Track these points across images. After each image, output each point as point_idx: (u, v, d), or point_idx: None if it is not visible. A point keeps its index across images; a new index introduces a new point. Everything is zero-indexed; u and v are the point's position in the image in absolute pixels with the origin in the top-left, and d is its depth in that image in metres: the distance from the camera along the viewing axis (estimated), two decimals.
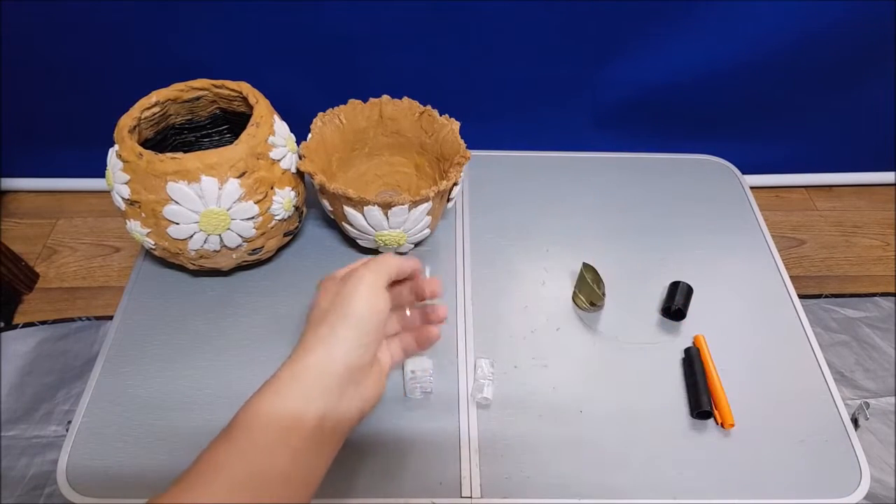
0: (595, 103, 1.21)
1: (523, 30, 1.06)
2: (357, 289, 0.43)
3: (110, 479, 0.53)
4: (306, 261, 0.71)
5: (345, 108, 0.70)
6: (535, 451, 0.56)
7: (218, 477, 0.35)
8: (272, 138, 0.60)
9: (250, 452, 0.36)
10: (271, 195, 0.60)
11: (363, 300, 0.42)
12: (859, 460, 0.56)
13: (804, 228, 1.37)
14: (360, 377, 0.42)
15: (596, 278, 0.66)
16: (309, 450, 0.38)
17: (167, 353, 0.62)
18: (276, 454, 0.36)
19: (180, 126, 0.68)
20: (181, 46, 1.05)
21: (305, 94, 1.08)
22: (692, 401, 0.59)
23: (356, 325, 0.41)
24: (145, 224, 0.59)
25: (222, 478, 0.35)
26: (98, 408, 0.58)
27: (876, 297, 1.23)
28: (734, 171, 0.85)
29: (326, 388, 0.40)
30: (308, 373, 0.40)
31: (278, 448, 0.37)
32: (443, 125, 0.70)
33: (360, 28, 1.04)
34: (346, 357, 0.41)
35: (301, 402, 0.38)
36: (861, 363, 1.13)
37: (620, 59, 1.11)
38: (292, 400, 0.38)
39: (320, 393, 0.39)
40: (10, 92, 1.14)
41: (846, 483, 0.55)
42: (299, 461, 0.37)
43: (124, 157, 0.57)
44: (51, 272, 1.25)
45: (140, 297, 0.67)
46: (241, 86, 0.64)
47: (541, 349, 0.64)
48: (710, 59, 1.11)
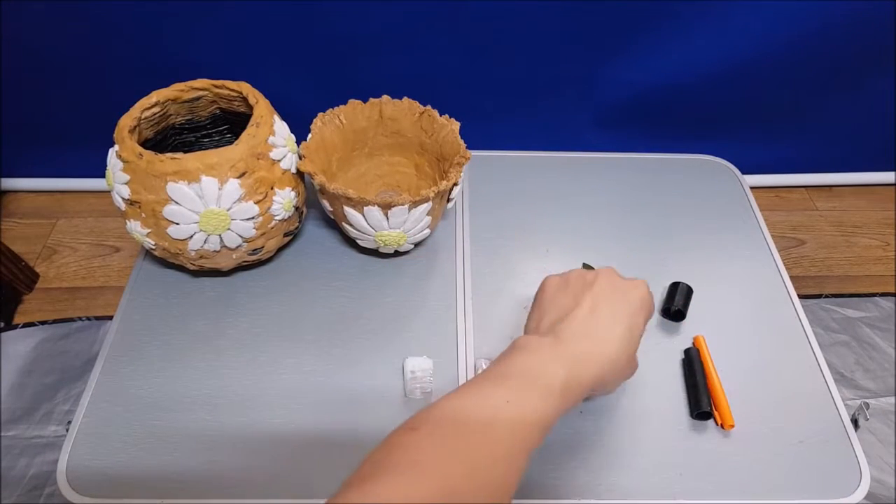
0: (595, 103, 1.21)
1: (523, 30, 1.06)
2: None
3: (110, 480, 0.53)
4: (306, 261, 0.71)
5: (345, 109, 0.70)
6: (536, 451, 0.56)
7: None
8: (272, 138, 0.60)
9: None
10: (271, 195, 0.60)
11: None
12: (859, 460, 0.56)
13: (804, 228, 1.37)
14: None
15: None
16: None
17: (167, 353, 0.62)
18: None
19: (180, 126, 0.68)
20: (181, 46, 1.05)
21: (305, 94, 1.08)
22: (692, 401, 0.59)
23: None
24: (145, 224, 0.59)
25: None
26: (98, 408, 0.58)
27: (876, 297, 1.23)
28: (734, 171, 0.85)
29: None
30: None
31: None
32: (443, 125, 0.70)
33: (360, 28, 1.04)
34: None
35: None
36: (861, 363, 1.12)
37: (620, 59, 1.11)
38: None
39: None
40: (9, 92, 1.14)
41: (846, 483, 0.55)
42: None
43: (124, 157, 0.57)
44: (51, 272, 1.25)
45: (140, 298, 0.67)
46: (241, 86, 0.64)
47: None
48: (711, 58, 1.11)
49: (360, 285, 0.69)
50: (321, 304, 0.66)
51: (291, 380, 0.60)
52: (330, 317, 0.65)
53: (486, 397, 0.41)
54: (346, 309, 0.66)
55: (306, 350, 0.62)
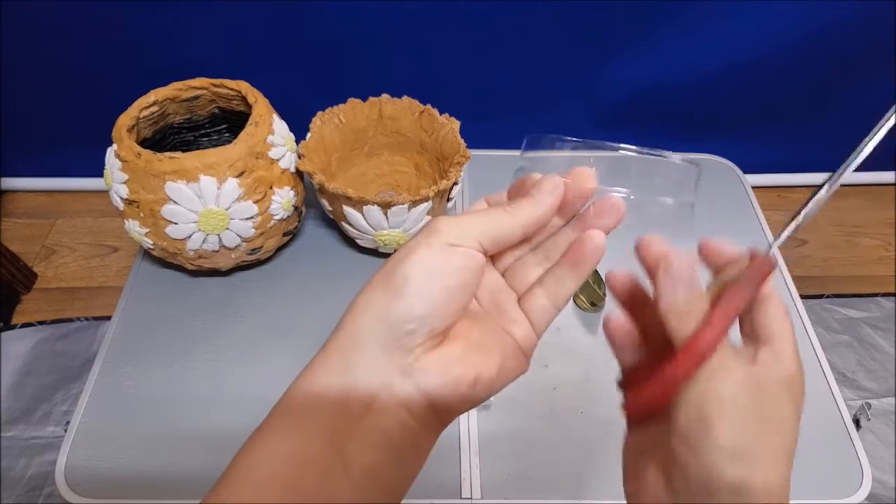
0: (596, 102, 1.20)
1: (523, 29, 1.05)
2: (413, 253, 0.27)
3: (109, 480, 0.53)
4: (306, 261, 0.70)
5: (344, 108, 0.70)
6: (536, 451, 0.56)
7: (247, 474, 0.27)
8: (271, 137, 0.60)
9: (280, 442, 0.27)
10: (270, 195, 0.60)
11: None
12: (861, 461, 0.56)
13: (806, 228, 1.36)
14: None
15: (597, 279, 0.66)
16: (362, 440, 0.26)
17: (166, 353, 0.62)
18: (309, 443, 0.26)
19: (179, 125, 0.68)
20: (180, 45, 1.05)
21: (304, 93, 1.07)
22: None
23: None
24: (144, 224, 0.59)
25: (250, 475, 0.27)
26: (96, 408, 0.58)
27: (878, 297, 1.23)
28: (736, 170, 0.84)
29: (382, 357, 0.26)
30: (359, 340, 0.27)
31: (312, 436, 0.27)
32: (443, 124, 0.69)
33: (359, 27, 1.04)
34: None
35: (348, 378, 0.27)
36: (863, 363, 1.12)
37: (621, 59, 1.11)
38: (337, 375, 0.27)
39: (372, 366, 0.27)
40: (8, 91, 1.14)
41: (848, 483, 0.55)
42: (349, 452, 0.26)
43: (123, 156, 0.56)
44: (49, 272, 1.25)
45: (139, 298, 0.67)
46: (239, 85, 0.63)
47: (541, 350, 0.63)
48: (712, 58, 1.11)
49: (359, 285, 0.68)
50: (320, 304, 0.66)
51: (290, 380, 0.60)
52: (329, 317, 0.65)
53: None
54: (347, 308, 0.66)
55: (306, 350, 0.62)
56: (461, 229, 0.27)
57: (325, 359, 0.28)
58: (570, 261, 0.31)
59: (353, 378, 0.26)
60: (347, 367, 0.27)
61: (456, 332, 0.28)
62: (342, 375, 0.27)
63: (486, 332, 0.30)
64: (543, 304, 0.32)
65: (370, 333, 0.26)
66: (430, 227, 0.27)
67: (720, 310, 0.27)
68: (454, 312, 0.27)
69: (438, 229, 0.27)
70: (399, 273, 0.26)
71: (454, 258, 0.27)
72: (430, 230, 0.27)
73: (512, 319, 0.32)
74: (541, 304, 0.32)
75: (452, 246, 0.27)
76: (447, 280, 0.26)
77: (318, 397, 0.27)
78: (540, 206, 0.29)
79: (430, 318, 0.26)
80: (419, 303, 0.26)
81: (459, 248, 0.27)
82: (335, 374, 0.27)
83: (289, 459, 0.26)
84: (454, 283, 0.27)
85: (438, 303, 0.26)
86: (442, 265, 0.26)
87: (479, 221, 0.28)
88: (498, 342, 0.30)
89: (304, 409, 0.27)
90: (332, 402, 0.26)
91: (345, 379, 0.27)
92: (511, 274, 0.32)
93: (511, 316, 0.32)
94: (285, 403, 0.28)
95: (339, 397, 0.26)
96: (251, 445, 0.28)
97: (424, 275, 0.26)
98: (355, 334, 0.27)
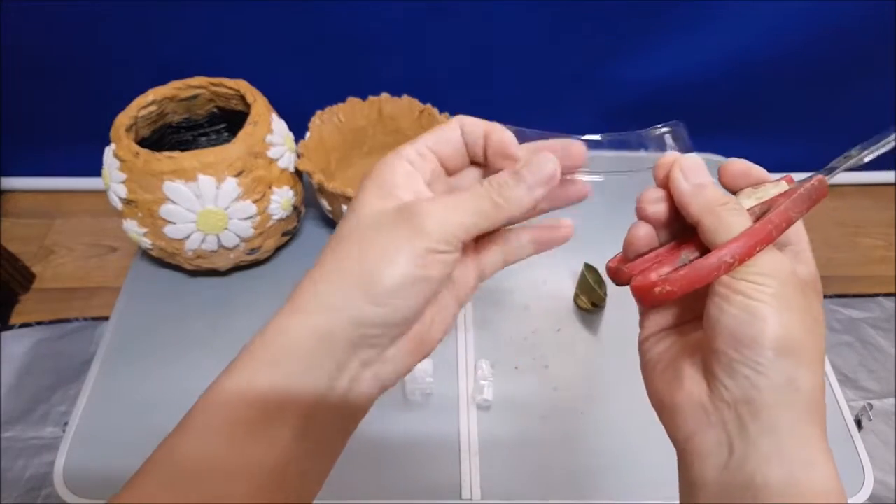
0: (596, 102, 1.20)
1: (524, 28, 1.05)
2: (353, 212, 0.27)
3: (107, 481, 0.53)
4: (305, 261, 0.70)
5: (343, 107, 0.70)
6: (536, 452, 0.56)
7: (155, 470, 0.28)
8: (270, 137, 0.60)
9: (190, 442, 0.28)
10: (269, 194, 0.60)
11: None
12: (862, 462, 0.56)
13: (807, 228, 1.36)
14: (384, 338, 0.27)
15: (598, 279, 0.66)
16: (269, 437, 0.27)
17: (164, 353, 0.61)
18: (214, 443, 0.27)
19: (177, 125, 0.67)
20: (178, 44, 1.05)
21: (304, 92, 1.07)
22: None
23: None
24: (142, 224, 0.59)
25: (158, 472, 0.28)
26: (95, 409, 0.57)
27: (879, 297, 1.23)
28: None
29: (309, 357, 0.26)
30: (284, 338, 0.27)
31: (219, 436, 0.27)
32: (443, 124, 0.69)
33: (359, 26, 1.04)
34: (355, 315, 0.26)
35: (265, 377, 0.27)
36: (864, 364, 1.12)
37: (621, 59, 1.11)
38: (253, 374, 0.28)
39: (291, 362, 0.27)
40: (6, 91, 1.14)
41: (849, 484, 0.54)
42: (249, 450, 0.26)
43: (121, 155, 0.56)
44: (47, 272, 1.25)
45: (137, 298, 0.66)
46: (238, 84, 0.63)
47: (542, 350, 0.63)
48: (712, 57, 1.11)
49: None
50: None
51: None
52: None
53: None
54: None
55: None
56: (446, 230, 0.26)
57: (296, 356, 0.27)
58: (536, 238, 0.33)
59: (327, 380, 0.27)
60: (321, 367, 0.26)
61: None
62: (315, 377, 0.27)
63: (437, 310, 0.29)
64: (496, 260, 0.32)
65: (343, 333, 0.26)
66: (415, 223, 0.26)
67: (776, 215, 0.27)
68: (422, 310, 0.27)
69: (424, 229, 0.26)
70: (380, 280, 0.25)
71: (436, 267, 0.26)
72: (414, 227, 0.26)
73: (464, 286, 0.31)
74: (494, 259, 0.32)
75: (437, 253, 0.26)
76: (427, 290, 0.26)
77: (287, 391, 0.27)
78: (532, 196, 0.28)
79: (403, 322, 0.27)
80: (398, 314, 0.26)
81: (442, 256, 0.26)
82: (307, 374, 0.27)
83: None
84: (432, 291, 0.27)
85: (415, 310, 0.26)
86: (424, 274, 0.26)
87: (465, 217, 0.27)
88: (445, 316, 0.30)
89: (271, 404, 0.27)
90: (302, 397, 0.27)
91: (319, 381, 0.27)
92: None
93: (463, 283, 0.31)
94: (236, 393, 0.28)
95: (313, 398, 0.27)
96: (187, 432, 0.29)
97: (406, 287, 0.25)
98: (330, 333, 0.26)
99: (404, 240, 0.26)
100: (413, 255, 0.25)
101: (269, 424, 0.27)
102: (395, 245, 0.26)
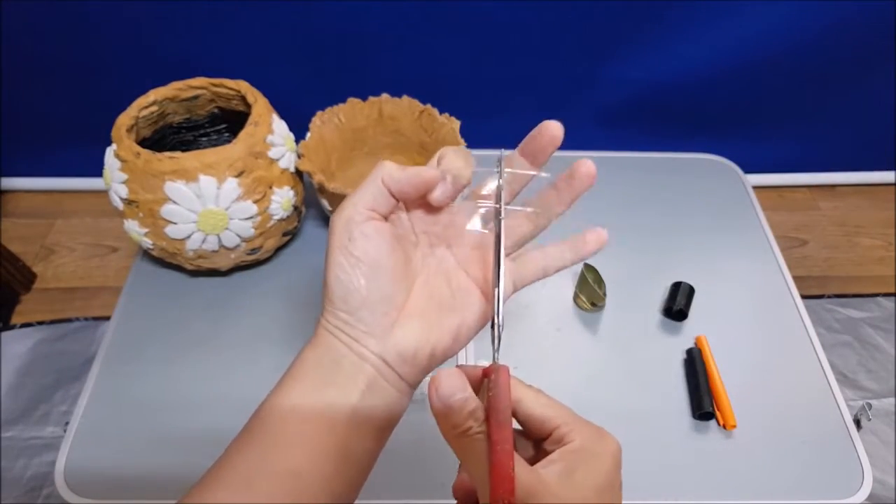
0: (596, 102, 1.20)
1: (523, 28, 1.05)
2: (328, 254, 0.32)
3: (108, 480, 0.53)
4: (305, 261, 0.70)
5: (344, 107, 0.70)
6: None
7: (231, 476, 0.31)
8: (271, 137, 0.60)
9: (266, 449, 0.31)
10: (270, 195, 0.60)
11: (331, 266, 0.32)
12: (861, 461, 0.56)
13: (806, 228, 1.37)
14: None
15: (597, 279, 0.66)
16: (335, 444, 0.31)
17: (165, 353, 0.62)
18: (291, 450, 0.31)
19: (178, 125, 0.68)
20: (179, 45, 1.05)
21: (304, 92, 1.07)
22: (694, 402, 0.59)
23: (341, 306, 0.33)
24: (143, 224, 0.59)
25: (233, 478, 0.31)
26: (96, 408, 0.57)
27: (878, 297, 1.23)
28: (736, 170, 0.84)
29: (347, 375, 0.31)
30: (326, 357, 0.32)
31: (294, 444, 0.31)
32: (442, 124, 0.69)
33: (359, 27, 1.04)
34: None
35: (319, 392, 0.32)
36: (863, 364, 1.12)
37: (621, 58, 1.11)
38: (312, 388, 0.32)
39: (338, 380, 0.32)
40: (7, 91, 1.14)
41: (848, 484, 0.55)
42: (319, 458, 0.31)
43: (122, 156, 0.56)
44: (48, 272, 1.25)
45: (138, 298, 0.66)
46: (239, 84, 0.63)
47: (541, 349, 0.63)
48: (712, 57, 1.11)
49: None
50: (320, 305, 0.66)
51: None
52: None
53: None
54: None
55: None
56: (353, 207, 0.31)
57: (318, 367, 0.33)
58: (572, 247, 0.36)
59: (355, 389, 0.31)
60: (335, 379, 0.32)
61: (410, 312, 0.32)
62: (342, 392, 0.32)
63: (446, 306, 0.33)
64: (535, 267, 0.36)
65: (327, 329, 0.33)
66: (333, 224, 0.32)
67: (493, 429, 0.27)
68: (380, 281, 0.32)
69: (333, 225, 0.32)
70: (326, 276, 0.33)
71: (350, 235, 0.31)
72: (332, 227, 0.32)
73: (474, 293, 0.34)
74: (533, 266, 0.35)
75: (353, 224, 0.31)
76: (360, 256, 0.31)
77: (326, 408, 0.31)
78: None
79: (360, 296, 0.32)
80: (347, 289, 0.32)
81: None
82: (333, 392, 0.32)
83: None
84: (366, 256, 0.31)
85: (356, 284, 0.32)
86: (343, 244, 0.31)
87: (365, 196, 0.31)
88: (457, 314, 0.33)
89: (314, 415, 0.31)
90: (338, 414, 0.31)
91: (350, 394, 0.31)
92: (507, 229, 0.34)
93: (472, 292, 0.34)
94: (304, 371, 0.33)
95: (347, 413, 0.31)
96: (280, 404, 0.32)
97: (341, 263, 0.32)
98: (327, 344, 0.33)
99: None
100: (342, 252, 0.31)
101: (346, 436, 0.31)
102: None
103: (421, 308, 0.33)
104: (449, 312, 0.33)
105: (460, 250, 0.35)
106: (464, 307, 0.33)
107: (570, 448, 0.29)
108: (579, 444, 0.29)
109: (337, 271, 0.32)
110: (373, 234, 0.31)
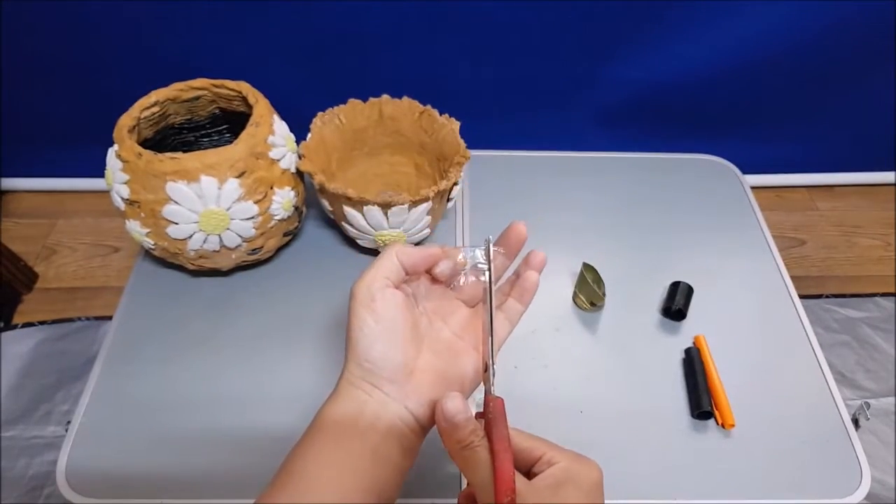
0: (595, 103, 1.21)
1: (523, 29, 1.05)
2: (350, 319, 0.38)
3: (110, 480, 0.53)
4: (306, 261, 0.71)
5: (344, 108, 0.70)
6: None
7: (317, 476, 0.36)
8: (272, 138, 0.60)
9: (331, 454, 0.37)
10: (271, 195, 0.60)
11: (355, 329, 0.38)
12: (860, 461, 0.56)
13: (805, 228, 1.37)
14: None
15: (596, 278, 0.66)
16: (389, 450, 0.37)
17: (166, 353, 0.62)
18: (358, 456, 0.36)
19: (180, 126, 0.68)
20: (180, 46, 1.05)
21: (305, 93, 1.08)
22: (692, 401, 0.59)
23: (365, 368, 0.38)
24: (145, 224, 0.59)
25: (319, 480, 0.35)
26: (97, 408, 0.58)
27: (877, 297, 1.23)
28: (735, 170, 0.84)
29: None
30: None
31: (358, 451, 0.36)
32: (442, 125, 0.69)
33: (360, 27, 1.04)
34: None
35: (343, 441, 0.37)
36: (862, 363, 1.12)
37: (620, 59, 1.11)
38: (335, 438, 0.37)
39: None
40: (9, 91, 1.14)
41: (847, 483, 0.55)
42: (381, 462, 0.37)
43: (124, 156, 0.56)
44: (50, 272, 1.25)
45: (139, 298, 0.67)
46: (240, 85, 0.64)
47: (541, 349, 0.63)
48: (711, 58, 1.11)
49: None
50: (321, 305, 0.66)
51: (291, 380, 0.60)
52: (330, 317, 0.65)
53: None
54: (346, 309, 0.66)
55: (306, 350, 0.62)
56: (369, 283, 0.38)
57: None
58: (517, 295, 0.44)
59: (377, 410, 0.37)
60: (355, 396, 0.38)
61: (423, 367, 0.39)
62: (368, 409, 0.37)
63: (449, 364, 0.40)
64: (503, 322, 0.44)
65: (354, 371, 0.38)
66: (355, 289, 0.39)
67: (494, 441, 0.34)
68: (396, 348, 0.38)
69: (354, 295, 0.39)
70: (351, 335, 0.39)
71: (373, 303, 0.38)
72: (354, 292, 0.39)
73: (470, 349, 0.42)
74: (501, 323, 0.43)
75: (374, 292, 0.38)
76: (386, 325, 0.37)
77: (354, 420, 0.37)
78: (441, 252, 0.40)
79: (382, 354, 0.37)
80: (375, 349, 0.38)
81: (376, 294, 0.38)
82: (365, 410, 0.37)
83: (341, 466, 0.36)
84: (390, 327, 0.38)
85: (383, 345, 0.37)
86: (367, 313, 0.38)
87: (382, 267, 0.39)
88: (459, 368, 0.40)
89: (345, 428, 0.37)
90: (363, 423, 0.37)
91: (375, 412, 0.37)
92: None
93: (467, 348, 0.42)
94: (327, 423, 0.38)
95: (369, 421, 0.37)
96: (304, 454, 0.37)
97: (369, 326, 0.38)
98: (350, 375, 0.39)
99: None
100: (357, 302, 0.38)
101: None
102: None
103: (431, 363, 0.39)
104: (453, 367, 0.40)
105: (454, 322, 0.42)
106: (464, 364, 0.40)
107: (558, 467, 0.35)
108: (566, 465, 0.35)
109: (361, 325, 0.37)
110: (391, 297, 0.37)
